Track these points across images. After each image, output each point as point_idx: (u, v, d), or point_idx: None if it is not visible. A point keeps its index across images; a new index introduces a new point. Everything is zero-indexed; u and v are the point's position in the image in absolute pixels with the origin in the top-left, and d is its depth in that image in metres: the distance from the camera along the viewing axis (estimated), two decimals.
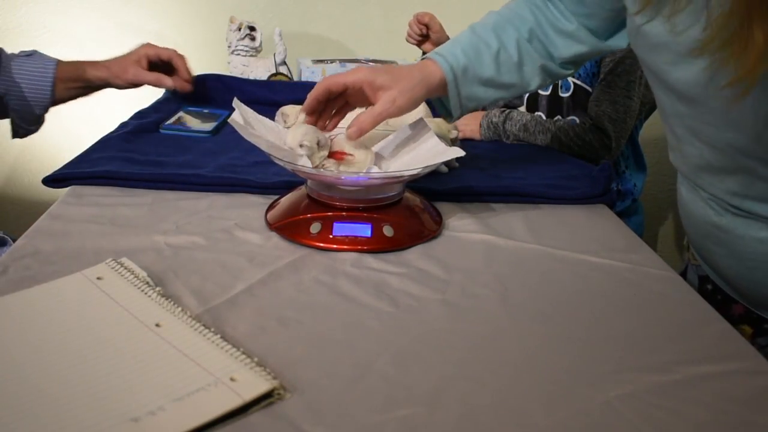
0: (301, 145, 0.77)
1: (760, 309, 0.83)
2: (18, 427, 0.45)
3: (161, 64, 1.29)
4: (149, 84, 1.25)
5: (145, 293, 0.62)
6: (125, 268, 0.66)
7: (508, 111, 1.24)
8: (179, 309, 0.60)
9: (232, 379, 0.51)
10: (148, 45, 1.28)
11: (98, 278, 0.65)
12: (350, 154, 0.80)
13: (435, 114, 0.97)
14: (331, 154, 0.81)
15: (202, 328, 0.57)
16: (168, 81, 1.24)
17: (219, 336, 0.56)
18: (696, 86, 0.67)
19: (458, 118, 0.88)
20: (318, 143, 0.79)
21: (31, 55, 1.27)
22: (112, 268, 0.67)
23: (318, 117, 0.82)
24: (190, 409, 0.47)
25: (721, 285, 0.87)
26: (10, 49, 1.24)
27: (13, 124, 1.28)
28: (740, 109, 0.63)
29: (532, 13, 0.88)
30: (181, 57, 1.30)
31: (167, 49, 1.29)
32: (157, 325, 0.58)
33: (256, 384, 0.50)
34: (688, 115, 0.72)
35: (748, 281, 0.80)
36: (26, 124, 1.28)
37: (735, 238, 0.77)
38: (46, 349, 0.54)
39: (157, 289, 0.64)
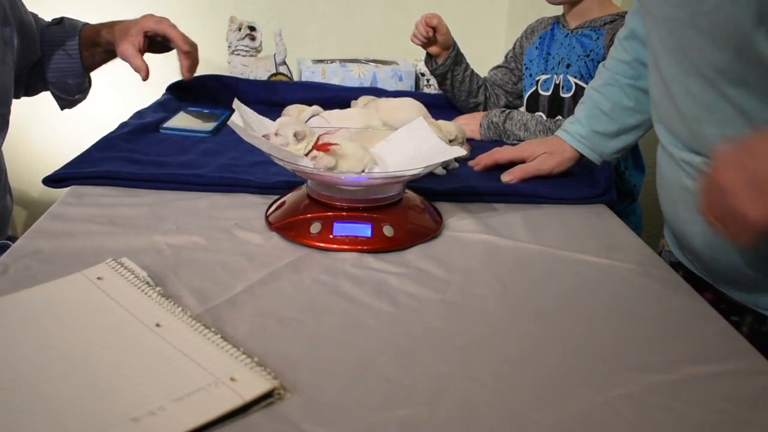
0: (276, 134, 0.80)
1: (722, 284, 0.84)
2: (18, 428, 0.46)
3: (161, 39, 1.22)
4: (133, 68, 1.18)
5: (146, 293, 0.62)
6: (125, 268, 0.67)
7: (508, 111, 1.24)
8: (179, 309, 0.60)
9: (232, 379, 0.51)
10: (149, 18, 1.20)
11: (98, 278, 0.65)
12: (335, 144, 0.79)
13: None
14: (318, 147, 0.80)
15: (202, 328, 0.57)
16: (143, 76, 1.16)
17: (219, 336, 0.56)
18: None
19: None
20: (295, 135, 0.80)
21: (60, 22, 1.26)
22: (113, 268, 0.67)
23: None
24: (190, 409, 0.48)
25: (690, 267, 0.88)
26: None
27: (55, 96, 1.29)
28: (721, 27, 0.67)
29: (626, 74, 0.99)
30: (175, 29, 1.20)
31: (164, 22, 1.20)
32: (158, 325, 0.58)
33: (256, 384, 0.50)
34: (676, 44, 0.75)
35: (712, 251, 0.80)
36: (66, 94, 1.28)
37: None
38: (46, 349, 0.54)
39: (158, 289, 0.64)
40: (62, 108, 1.33)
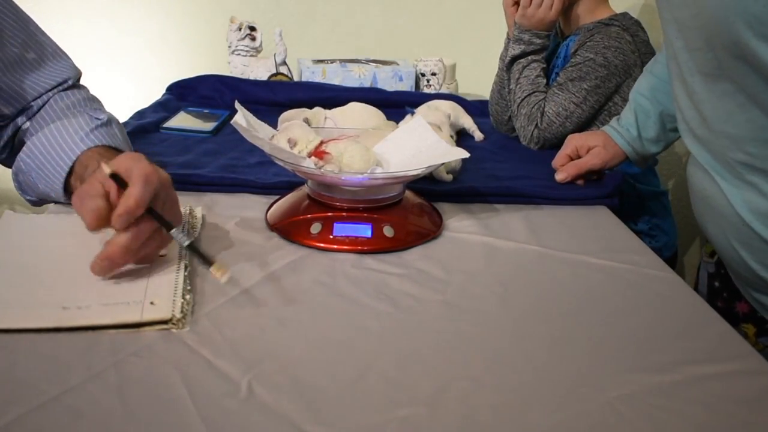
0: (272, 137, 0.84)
1: (749, 289, 0.84)
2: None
3: None
4: None
5: None
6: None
7: (532, 60, 1.20)
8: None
9: (152, 303, 0.61)
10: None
11: None
12: (328, 153, 0.80)
13: None
14: (315, 153, 0.80)
15: (182, 265, 0.68)
16: None
17: (185, 272, 0.67)
18: None
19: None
20: (288, 141, 0.81)
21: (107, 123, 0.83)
22: None
23: None
24: (105, 312, 0.60)
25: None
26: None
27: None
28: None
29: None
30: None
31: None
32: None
33: (161, 311, 0.60)
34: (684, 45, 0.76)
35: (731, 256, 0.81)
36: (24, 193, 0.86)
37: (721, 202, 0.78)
38: (51, 255, 0.69)
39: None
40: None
